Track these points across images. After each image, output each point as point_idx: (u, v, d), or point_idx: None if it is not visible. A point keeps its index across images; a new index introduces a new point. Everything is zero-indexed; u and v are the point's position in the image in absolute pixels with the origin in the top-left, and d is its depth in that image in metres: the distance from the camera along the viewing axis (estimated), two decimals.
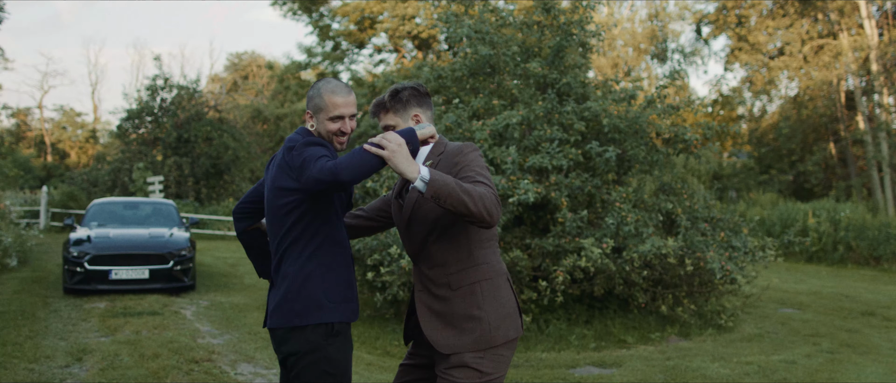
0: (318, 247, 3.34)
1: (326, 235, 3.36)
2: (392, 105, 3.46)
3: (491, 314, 3.29)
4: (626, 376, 7.20)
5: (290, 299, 3.30)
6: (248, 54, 60.64)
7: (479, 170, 3.22)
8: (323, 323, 3.30)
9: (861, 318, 11.02)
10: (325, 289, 3.32)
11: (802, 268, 19.25)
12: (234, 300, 11.67)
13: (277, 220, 3.36)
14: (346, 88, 3.41)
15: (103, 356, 7.54)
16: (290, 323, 3.29)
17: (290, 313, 3.29)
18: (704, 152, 10.58)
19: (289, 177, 3.28)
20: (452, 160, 3.30)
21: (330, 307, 3.32)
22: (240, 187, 30.98)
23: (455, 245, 3.33)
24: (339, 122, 3.38)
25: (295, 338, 3.29)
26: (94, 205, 14.05)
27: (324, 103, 3.36)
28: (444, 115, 10.10)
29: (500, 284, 3.37)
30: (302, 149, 3.22)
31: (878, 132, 28.96)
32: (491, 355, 3.27)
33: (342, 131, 3.40)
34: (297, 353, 3.29)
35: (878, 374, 7.43)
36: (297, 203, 3.29)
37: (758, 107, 38.31)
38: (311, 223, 3.32)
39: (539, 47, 11.10)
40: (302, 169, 3.16)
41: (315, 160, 3.12)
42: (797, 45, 31.49)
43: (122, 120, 31.23)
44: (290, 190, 3.28)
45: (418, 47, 39.69)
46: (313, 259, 3.33)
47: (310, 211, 3.30)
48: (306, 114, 3.45)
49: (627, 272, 9.17)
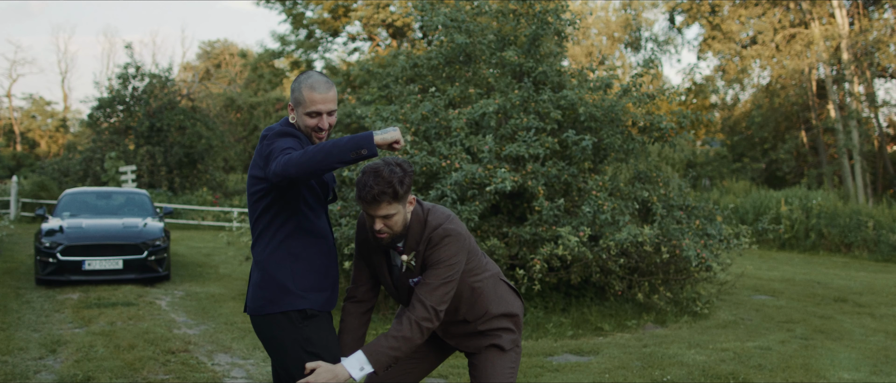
0: (288, 236, 3.37)
1: (297, 224, 3.38)
2: (402, 189, 3.27)
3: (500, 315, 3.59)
4: (603, 363, 7.23)
5: (261, 286, 3.36)
6: (220, 42, 60.25)
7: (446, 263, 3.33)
8: (294, 310, 3.33)
9: (833, 304, 11.16)
10: (293, 277, 3.35)
11: (775, 256, 19.46)
12: (210, 290, 11.60)
13: (251, 207, 3.45)
14: (325, 84, 3.38)
15: (78, 347, 7.46)
16: (263, 311, 3.35)
17: (262, 300, 3.36)
18: (679, 140, 10.64)
19: (258, 166, 3.35)
20: (431, 256, 3.36)
21: (299, 294, 3.35)
22: (213, 177, 30.74)
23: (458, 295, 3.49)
24: (317, 118, 3.38)
25: (269, 324, 3.36)
26: (66, 194, 13.88)
27: (302, 98, 3.37)
28: (421, 104, 10.07)
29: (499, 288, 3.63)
30: (273, 139, 3.28)
31: (849, 120, 29.28)
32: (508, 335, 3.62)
33: (320, 127, 3.39)
34: (274, 337, 3.36)
35: (852, 359, 7.52)
36: (265, 191, 3.34)
37: (730, 96, 38.57)
38: (280, 212, 3.36)
39: (515, 36, 11.09)
40: (268, 159, 3.22)
41: (280, 152, 3.15)
42: (769, 34, 31.71)
43: (94, 108, 30.84)
44: (259, 178, 3.35)
45: (393, 36, 39.53)
46: (281, 247, 3.37)
47: (277, 200, 3.34)
48: (289, 107, 3.46)
49: (604, 260, 9.20)
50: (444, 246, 3.33)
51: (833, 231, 20.49)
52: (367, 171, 3.25)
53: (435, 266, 3.32)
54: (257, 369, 6.89)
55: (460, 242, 3.36)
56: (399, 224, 3.33)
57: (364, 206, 3.28)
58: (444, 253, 3.32)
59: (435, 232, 3.35)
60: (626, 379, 6.56)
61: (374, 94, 28.38)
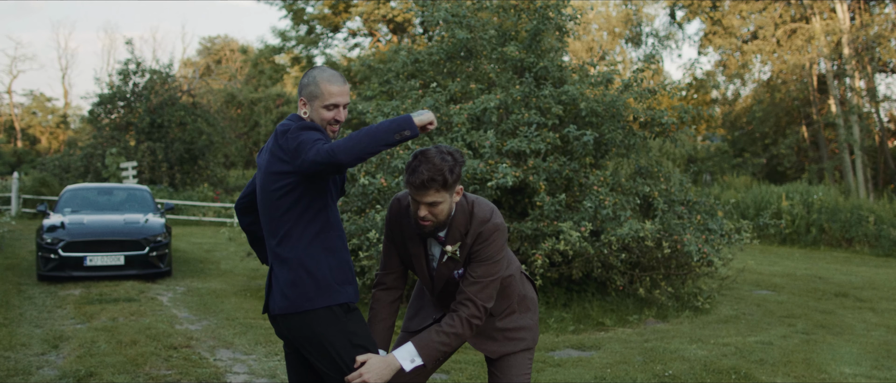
0: (321, 231, 3.36)
1: (326, 219, 3.38)
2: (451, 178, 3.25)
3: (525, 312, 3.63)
4: (604, 358, 7.24)
5: (296, 283, 3.31)
6: (221, 38, 60.23)
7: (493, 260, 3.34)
8: (337, 304, 3.33)
9: (835, 299, 11.16)
10: (331, 271, 3.34)
11: (776, 251, 19.46)
12: (211, 286, 11.61)
13: (272, 204, 3.36)
14: (341, 77, 3.41)
15: (80, 343, 7.47)
16: (302, 308, 3.30)
17: (300, 297, 3.30)
18: (680, 136, 10.64)
19: (282, 161, 3.28)
20: (475, 247, 3.36)
21: (338, 288, 3.35)
22: (214, 172, 30.74)
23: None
24: (334, 111, 3.38)
25: (310, 321, 3.31)
26: (67, 190, 13.89)
27: (319, 91, 3.36)
28: (422, 99, 10.07)
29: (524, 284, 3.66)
30: (297, 132, 3.23)
31: (850, 115, 29.27)
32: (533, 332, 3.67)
33: (336, 119, 3.40)
34: (318, 334, 3.31)
35: (853, 354, 7.53)
36: (292, 186, 3.29)
37: (731, 91, 38.58)
38: (310, 206, 3.33)
39: (516, 31, 11.08)
40: (297, 152, 3.17)
41: (311, 143, 3.14)
42: (770, 28, 31.69)
43: (94, 105, 30.83)
44: (285, 173, 3.28)
45: (393, 31, 39.54)
46: (315, 242, 3.34)
47: (306, 194, 3.31)
48: (300, 101, 3.42)
49: (605, 255, 9.21)
50: (493, 241, 3.33)
51: (834, 226, 20.49)
52: (418, 156, 3.25)
53: (484, 262, 3.32)
54: (259, 364, 6.90)
55: (505, 236, 3.38)
56: (444, 213, 3.31)
57: (412, 191, 3.28)
58: (493, 248, 3.33)
59: (485, 226, 3.34)
60: (627, 374, 6.57)
61: (375, 90, 28.38)
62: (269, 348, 7.48)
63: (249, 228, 3.81)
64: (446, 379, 6.45)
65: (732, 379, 6.47)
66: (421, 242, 3.48)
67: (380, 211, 8.95)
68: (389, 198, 9.08)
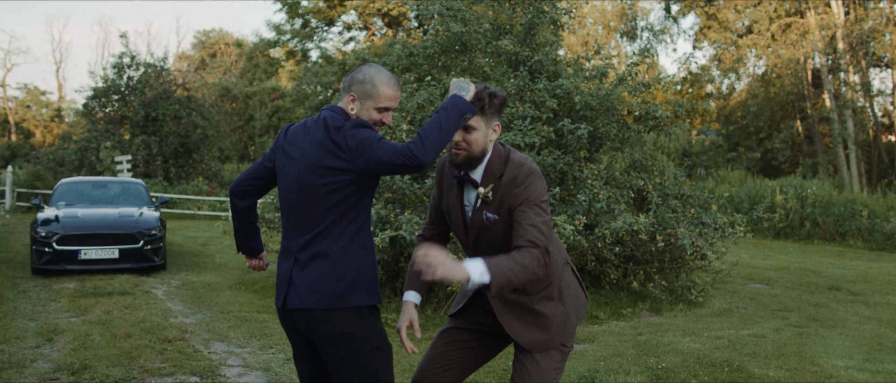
0: (360, 230, 3.34)
1: (366, 218, 3.37)
2: (488, 107, 3.28)
3: (567, 305, 3.44)
4: (598, 351, 7.26)
5: (332, 279, 3.27)
6: (215, 32, 60.16)
7: (538, 201, 3.20)
8: (367, 305, 3.33)
9: (828, 293, 11.20)
10: (367, 271, 3.34)
11: (770, 244, 19.51)
12: (206, 279, 11.61)
13: (315, 199, 3.29)
14: (396, 81, 3.40)
15: (74, 336, 7.47)
16: (332, 305, 3.27)
17: (332, 295, 3.26)
18: (674, 130, 10.68)
19: (337, 157, 3.23)
20: (511, 191, 3.23)
21: (371, 289, 3.35)
22: (209, 166, 30.71)
23: None
24: (384, 114, 3.37)
25: (338, 318, 3.28)
26: (61, 184, 13.87)
27: (376, 92, 3.33)
28: (416, 93, 10.07)
29: (566, 275, 3.48)
30: (354, 130, 3.21)
31: (844, 110, 29.33)
32: (571, 334, 3.47)
33: (383, 121, 3.39)
34: (344, 332, 3.28)
35: (845, 347, 7.56)
36: (346, 183, 3.24)
37: (726, 85, 38.65)
38: (357, 204, 3.31)
39: (510, 24, 11.08)
40: (360, 150, 3.16)
41: (376, 142, 3.15)
42: (765, 23, 31.72)
43: (89, 98, 30.77)
44: (340, 169, 3.23)
45: (388, 25, 39.49)
46: (355, 240, 3.32)
47: (358, 192, 3.28)
48: (349, 96, 3.36)
49: (599, 248, 9.23)
50: (531, 184, 3.21)
51: (828, 220, 20.55)
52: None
53: (531, 205, 3.18)
54: (254, 357, 6.91)
55: (544, 183, 3.27)
56: (478, 144, 3.27)
57: None
58: (533, 191, 3.20)
59: (521, 168, 3.25)
60: (621, 367, 6.59)
61: None
62: (263, 341, 7.49)
63: (245, 213, 3.73)
64: None
65: (725, 371, 6.50)
66: (458, 189, 3.42)
67: (374, 204, 8.95)
68: (383, 191, 9.08)
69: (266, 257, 3.94)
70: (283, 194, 3.44)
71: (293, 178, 3.37)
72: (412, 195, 8.89)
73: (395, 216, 8.64)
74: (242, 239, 3.82)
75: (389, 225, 8.63)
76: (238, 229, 3.80)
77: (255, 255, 3.88)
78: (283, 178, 3.45)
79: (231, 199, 3.73)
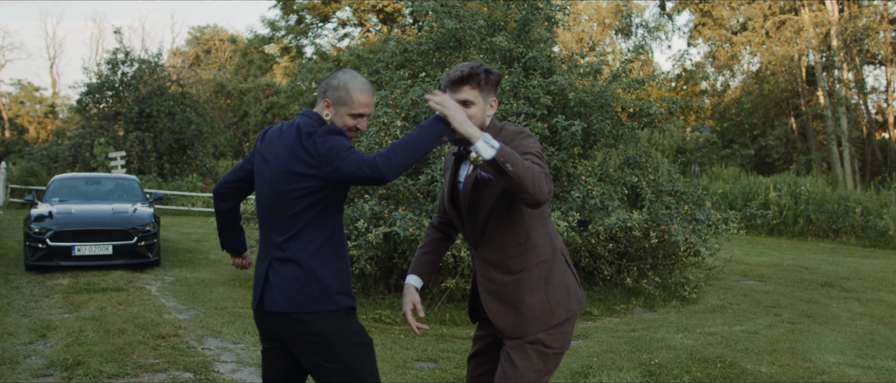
0: (332, 234, 3.36)
1: (337, 223, 3.38)
2: (485, 83, 3.30)
3: (551, 294, 3.33)
4: (592, 347, 7.28)
5: (306, 284, 3.30)
6: (210, 28, 60.04)
7: (535, 151, 3.18)
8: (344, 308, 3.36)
9: (820, 289, 11.24)
10: (338, 275, 3.36)
11: (764, 241, 19.55)
12: (200, 275, 11.60)
13: (287, 203, 3.32)
14: (371, 87, 3.41)
15: (68, 332, 7.47)
16: (307, 309, 3.29)
17: (307, 299, 3.29)
18: (668, 126, 10.69)
19: (306, 163, 3.25)
20: (510, 143, 3.22)
21: (345, 292, 3.37)
22: (203, 162, 30.67)
23: (513, 228, 3.31)
24: (359, 120, 3.39)
25: (315, 320, 3.30)
26: (55, 180, 13.84)
27: (350, 99, 3.35)
28: (411, 89, 10.08)
29: (556, 262, 3.39)
30: (325, 137, 3.22)
31: (838, 107, 29.39)
32: (558, 332, 3.34)
33: (358, 128, 3.40)
34: (322, 333, 3.30)
35: (838, 343, 7.59)
36: (314, 189, 3.26)
37: (720, 82, 38.66)
38: (326, 210, 3.32)
39: (505, 21, 11.09)
40: (329, 158, 3.17)
41: (345, 151, 3.15)
42: (759, 20, 31.76)
43: (83, 94, 30.68)
44: (308, 176, 3.25)
45: (383, 21, 39.42)
46: (327, 245, 3.34)
47: (326, 198, 3.30)
48: (324, 102, 3.38)
49: (593, 245, 9.24)
50: (523, 140, 3.21)
51: (821, 217, 20.60)
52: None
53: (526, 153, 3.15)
54: (248, 353, 6.91)
55: (538, 144, 3.24)
56: (477, 119, 3.28)
57: (449, 88, 3.30)
58: (526, 145, 3.18)
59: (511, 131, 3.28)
60: (614, 363, 6.61)
61: None
62: (257, 337, 7.49)
63: (228, 215, 3.78)
64: (434, 368, 6.48)
65: (718, 367, 6.52)
66: (454, 167, 3.47)
67: (368, 200, 8.96)
68: (377, 187, 9.09)
69: (249, 255, 4.01)
70: (258, 197, 3.49)
71: (267, 182, 3.41)
72: (406, 191, 8.90)
73: (389, 212, 8.65)
74: (226, 238, 3.89)
75: (383, 221, 8.64)
76: (222, 229, 3.86)
77: (239, 254, 3.95)
78: (258, 181, 3.49)
79: (215, 201, 3.78)
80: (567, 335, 3.39)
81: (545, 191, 3.00)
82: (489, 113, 3.35)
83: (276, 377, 3.58)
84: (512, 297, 3.33)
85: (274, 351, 3.54)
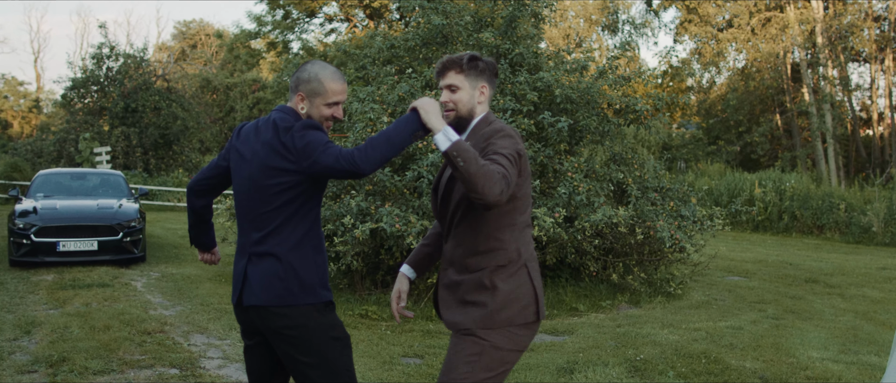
0: (310, 229, 3.38)
1: (315, 217, 3.40)
2: (468, 68, 3.34)
3: (498, 298, 3.21)
4: (578, 343, 7.31)
5: (284, 279, 3.31)
6: (196, 22, 59.78)
7: (507, 153, 3.10)
8: (322, 302, 3.37)
9: (805, 285, 11.31)
10: (317, 270, 3.37)
11: (749, 237, 19.65)
12: (186, 271, 11.57)
13: (266, 199, 3.33)
14: (342, 75, 3.43)
15: (53, 328, 7.44)
16: (286, 303, 3.30)
17: (286, 293, 3.30)
18: (654, 123, 10.73)
19: (284, 158, 3.27)
20: (485, 143, 3.21)
21: (323, 286, 3.39)
22: (189, 158, 30.57)
23: (476, 227, 3.24)
24: (334, 109, 3.40)
25: (293, 313, 3.31)
26: (39, 175, 13.77)
27: (323, 89, 3.37)
28: (398, 85, 10.07)
29: (517, 272, 3.27)
30: (303, 132, 3.25)
31: (823, 104, 29.55)
32: (500, 332, 3.21)
33: (335, 116, 3.42)
34: (300, 326, 3.31)
35: (821, 339, 7.65)
36: (292, 184, 3.28)
37: (706, 79, 38.83)
38: (306, 203, 3.34)
39: (492, 17, 11.10)
40: (306, 152, 3.19)
41: (322, 145, 3.17)
42: (745, 17, 31.90)
43: (67, 89, 30.55)
44: (286, 171, 3.27)
45: (370, 17, 39.34)
46: (305, 240, 3.35)
47: (305, 192, 3.32)
48: (298, 95, 3.39)
49: (579, 241, 9.27)
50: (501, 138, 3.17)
51: (806, 213, 20.72)
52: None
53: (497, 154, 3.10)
54: (234, 349, 6.90)
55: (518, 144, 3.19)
56: (464, 103, 3.32)
57: (436, 77, 3.37)
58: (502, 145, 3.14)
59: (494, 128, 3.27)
60: (599, 359, 6.64)
61: (351, 75, 28.21)
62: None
63: (201, 211, 3.79)
64: (420, 364, 6.50)
65: (703, 363, 6.56)
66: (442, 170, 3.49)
67: (355, 197, 8.95)
68: (364, 183, 9.09)
69: (218, 252, 4.02)
70: (236, 193, 3.50)
71: (244, 178, 3.42)
72: (393, 187, 8.90)
73: (376, 208, 8.65)
74: (196, 234, 3.89)
75: (370, 217, 8.64)
76: (192, 226, 3.86)
77: (208, 250, 3.96)
78: (236, 177, 3.50)
79: (188, 197, 3.78)
80: (515, 338, 3.25)
81: (495, 192, 2.90)
82: (480, 99, 3.37)
83: (259, 373, 3.59)
84: (463, 296, 3.28)
85: (257, 347, 3.55)
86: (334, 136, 10.61)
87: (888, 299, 10.28)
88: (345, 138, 9.55)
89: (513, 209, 3.26)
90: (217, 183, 3.69)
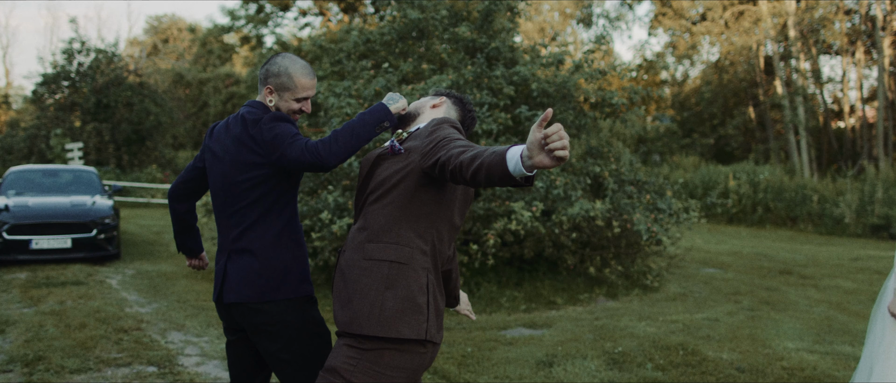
0: (288, 223, 3.38)
1: (292, 211, 3.41)
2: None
3: (387, 301, 2.93)
4: (556, 336, 7.33)
5: (264, 274, 3.30)
6: (168, 17, 59.14)
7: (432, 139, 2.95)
8: (302, 296, 3.37)
9: (779, 277, 11.42)
10: (297, 263, 3.37)
11: (723, 229, 19.81)
12: (161, 268, 11.48)
13: (241, 194, 3.33)
14: (311, 69, 3.43)
15: (27, 327, 7.35)
16: (267, 298, 3.29)
17: (267, 288, 3.30)
18: (629, 116, 10.78)
19: (254, 152, 3.27)
20: (423, 135, 3.05)
21: (304, 279, 3.38)
22: (162, 153, 30.32)
23: (383, 213, 3.01)
24: (303, 103, 3.41)
25: (274, 309, 3.30)
26: (10, 172, 13.60)
27: (292, 84, 3.37)
28: (374, 80, 10.04)
29: (409, 274, 2.97)
30: (271, 124, 3.24)
31: (795, 96, 29.81)
32: (368, 357, 2.90)
33: (303, 110, 3.43)
34: (282, 322, 3.30)
35: (796, 329, 7.73)
36: (264, 178, 3.29)
37: (680, 72, 39.07)
38: (280, 198, 3.35)
39: (467, 11, 11.09)
40: (274, 145, 3.20)
41: (290, 137, 3.17)
42: (719, 10, 32.10)
43: (38, 84, 30.14)
44: (257, 164, 3.28)
45: (344, 10, 39.18)
46: (284, 234, 3.36)
47: (278, 186, 3.32)
48: (266, 89, 3.38)
49: (556, 235, 9.30)
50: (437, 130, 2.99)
51: (779, 205, 20.93)
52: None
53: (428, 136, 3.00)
54: (211, 346, 6.86)
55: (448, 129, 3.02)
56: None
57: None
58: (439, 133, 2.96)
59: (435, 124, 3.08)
60: (578, 351, 6.66)
61: (327, 70, 28.12)
62: (220, 330, 7.44)
63: (184, 216, 3.76)
64: None
65: (680, 355, 6.60)
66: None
67: (332, 192, 8.92)
68: (340, 178, 9.06)
69: (205, 257, 4.00)
70: (213, 192, 3.50)
71: (220, 176, 3.42)
72: None
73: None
74: (182, 240, 3.87)
75: (347, 212, 8.61)
76: (178, 232, 3.85)
77: (195, 255, 3.94)
78: (211, 176, 3.49)
79: (170, 203, 3.76)
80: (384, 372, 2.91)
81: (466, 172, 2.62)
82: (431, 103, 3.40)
83: (241, 369, 3.57)
84: (351, 284, 3.01)
85: (239, 343, 3.54)
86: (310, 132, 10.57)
87: (861, 290, 10.41)
88: (321, 132, 9.52)
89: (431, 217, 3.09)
90: (196, 186, 3.68)
